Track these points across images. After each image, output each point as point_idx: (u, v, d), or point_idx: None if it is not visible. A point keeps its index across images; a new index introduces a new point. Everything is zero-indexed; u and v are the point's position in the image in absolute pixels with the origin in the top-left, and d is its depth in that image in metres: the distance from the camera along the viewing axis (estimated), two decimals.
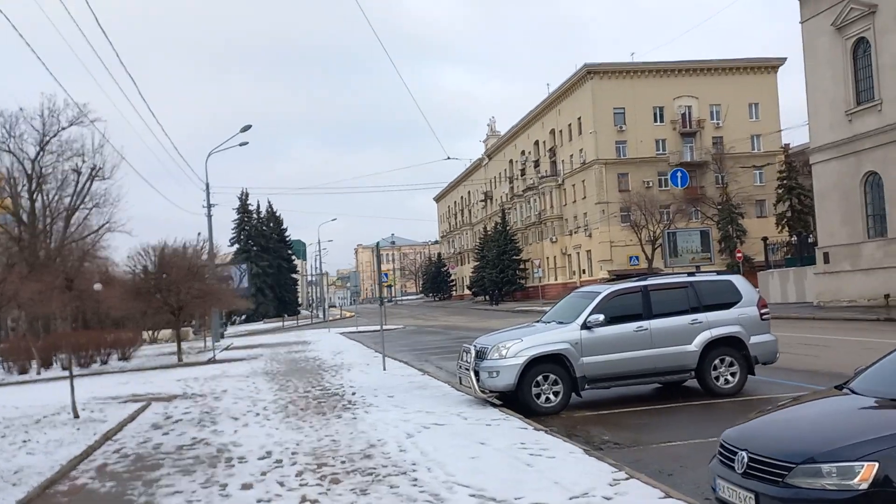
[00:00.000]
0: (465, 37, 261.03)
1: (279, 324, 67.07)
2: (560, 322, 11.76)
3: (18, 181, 40.30)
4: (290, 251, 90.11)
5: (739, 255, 45.65)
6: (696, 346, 11.48)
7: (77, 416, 12.55)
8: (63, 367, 23.28)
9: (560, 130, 77.27)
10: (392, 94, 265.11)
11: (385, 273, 47.99)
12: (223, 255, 60.94)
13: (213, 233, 39.08)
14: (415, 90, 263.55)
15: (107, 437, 10.86)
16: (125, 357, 25.51)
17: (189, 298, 24.60)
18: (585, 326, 11.29)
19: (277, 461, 8.59)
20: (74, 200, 40.00)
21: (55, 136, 40.09)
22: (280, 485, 7.54)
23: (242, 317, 76.39)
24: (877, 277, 31.27)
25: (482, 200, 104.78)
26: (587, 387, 11.29)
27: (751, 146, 69.21)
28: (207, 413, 12.68)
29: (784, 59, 72.94)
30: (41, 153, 40.02)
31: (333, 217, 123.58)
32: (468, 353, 11.78)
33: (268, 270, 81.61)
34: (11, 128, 39.58)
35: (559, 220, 77.89)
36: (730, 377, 11.58)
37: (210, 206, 38.36)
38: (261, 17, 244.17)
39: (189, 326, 42.04)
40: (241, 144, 40.75)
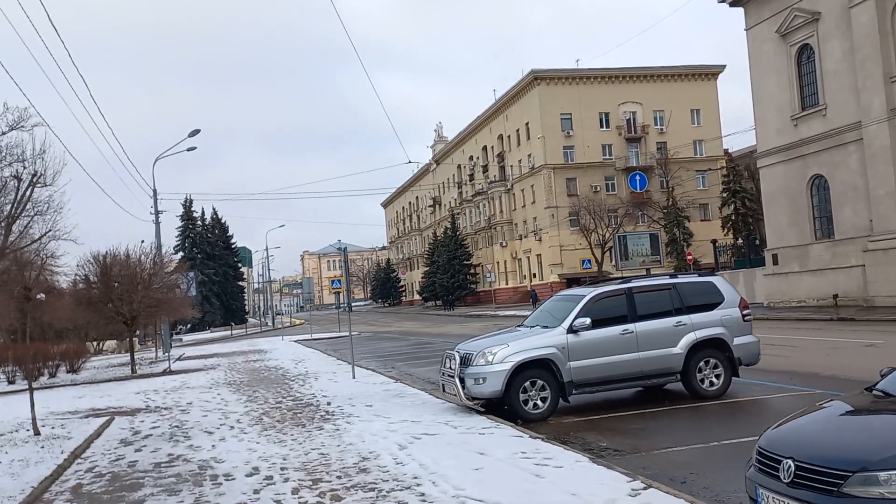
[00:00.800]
0: (409, 43, 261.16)
1: (227, 332, 65.74)
2: (545, 326, 11.59)
3: None
4: (237, 258, 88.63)
5: (690, 258, 46.38)
6: (681, 349, 11.44)
7: (38, 433, 11.88)
8: (9, 381, 22.24)
9: (508, 136, 77.67)
10: (337, 100, 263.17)
11: (337, 279, 47.33)
12: (166, 263, 59.27)
13: (159, 240, 38.01)
14: (356, 95, 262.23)
15: (75, 455, 10.26)
16: (74, 369, 24.51)
17: (142, 308, 23.76)
18: (572, 330, 11.14)
19: (268, 478, 8.18)
20: (15, 208, 38.28)
21: None
22: None
23: (188, 326, 74.67)
24: (825, 278, 32.04)
25: (431, 206, 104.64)
26: (574, 392, 11.13)
27: (693, 151, 70.60)
28: (178, 427, 12.13)
29: (723, 67, 74.83)
30: None
31: (281, 223, 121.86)
32: (452, 360, 11.51)
33: (214, 278, 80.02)
34: None
35: (509, 225, 78.22)
36: (714, 379, 11.56)
37: (158, 213, 37.34)
38: (201, 21, 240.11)
39: (134, 336, 40.73)
40: (189, 149, 39.82)
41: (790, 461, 4.85)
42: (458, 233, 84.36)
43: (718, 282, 12.17)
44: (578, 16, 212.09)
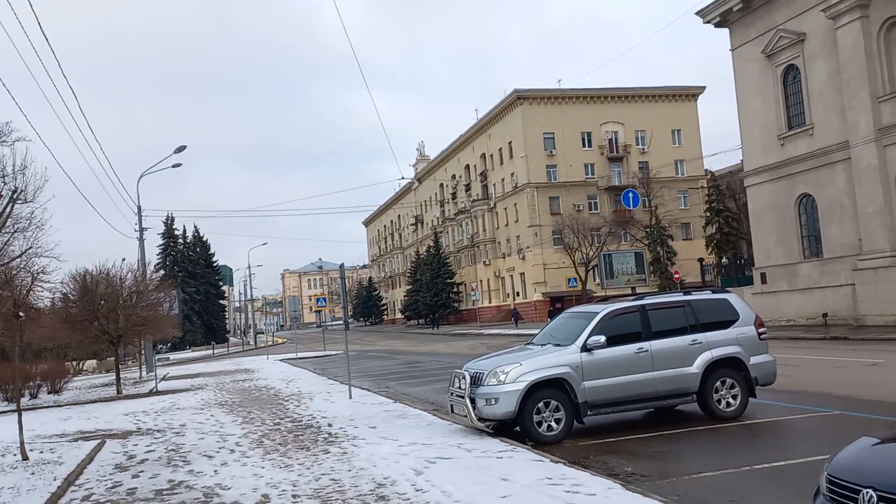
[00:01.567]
0: (387, 61, 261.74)
1: (209, 352, 64.71)
2: (557, 344, 11.26)
3: None
4: (218, 277, 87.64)
5: (677, 276, 46.38)
6: (698, 368, 11.15)
7: (26, 458, 11.33)
8: None
9: (491, 154, 77.71)
10: (315, 119, 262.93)
11: (322, 297, 46.83)
12: (150, 281, 58.34)
13: (144, 257, 37.39)
14: (337, 114, 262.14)
15: (69, 482, 9.74)
16: (56, 390, 23.79)
17: (129, 326, 23.15)
18: (585, 348, 10.82)
19: None
20: None
21: None
22: None
23: (168, 345, 73.50)
24: (814, 297, 32.08)
25: (413, 224, 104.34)
26: (589, 413, 10.80)
27: (675, 171, 71.05)
28: (174, 451, 11.63)
29: (703, 88, 75.60)
30: None
31: (263, 241, 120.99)
32: (462, 380, 11.13)
33: (195, 297, 79.02)
34: None
35: (492, 244, 78.08)
36: (731, 400, 11.27)
37: (142, 230, 36.71)
38: (183, 40, 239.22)
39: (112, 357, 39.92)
40: (175, 166, 39.29)
41: (871, 491, 4.51)
42: (441, 251, 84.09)
43: (733, 299, 11.93)
44: (558, 36, 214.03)
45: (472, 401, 10.79)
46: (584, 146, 70.91)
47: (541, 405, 10.56)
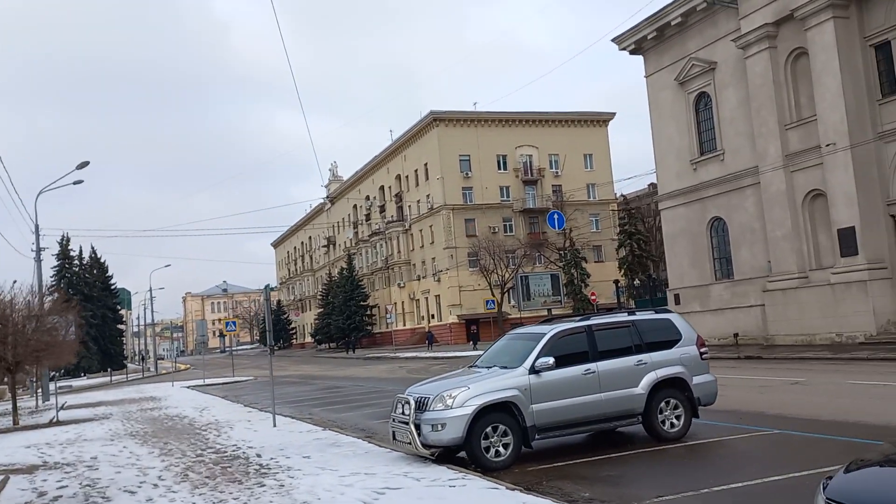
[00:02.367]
0: (301, 81, 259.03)
1: (106, 379, 61.64)
2: (504, 367, 10.89)
3: None
4: (116, 300, 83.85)
5: (594, 297, 47.04)
6: (643, 389, 10.97)
7: None
8: None
9: (406, 176, 77.54)
10: (227, 140, 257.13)
11: (231, 321, 45.27)
12: (46, 304, 55.18)
13: (41, 279, 35.26)
14: (246, 132, 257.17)
15: None
16: None
17: (28, 352, 21.50)
18: (534, 370, 10.49)
19: None
20: None
21: None
22: None
23: (61, 371, 69.56)
24: (725, 317, 32.99)
25: (325, 246, 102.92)
26: (537, 437, 10.45)
27: (587, 195, 72.50)
28: (90, 486, 10.62)
29: (613, 114, 77.77)
30: None
31: (165, 263, 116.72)
32: (406, 405, 10.60)
33: (91, 321, 75.04)
34: None
35: (407, 266, 77.67)
36: (675, 420, 11.14)
37: (39, 250, 34.59)
38: (86, 56, 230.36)
39: (3, 385, 37.33)
40: (76, 182, 37.39)
41: None
42: (355, 273, 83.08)
43: (675, 319, 11.86)
44: (476, 60, 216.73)
45: (417, 427, 10.28)
46: (500, 168, 71.65)
47: (489, 430, 10.14)
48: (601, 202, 72.96)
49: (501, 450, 10.18)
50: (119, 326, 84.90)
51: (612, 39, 38.53)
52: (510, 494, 8.14)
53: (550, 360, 10.52)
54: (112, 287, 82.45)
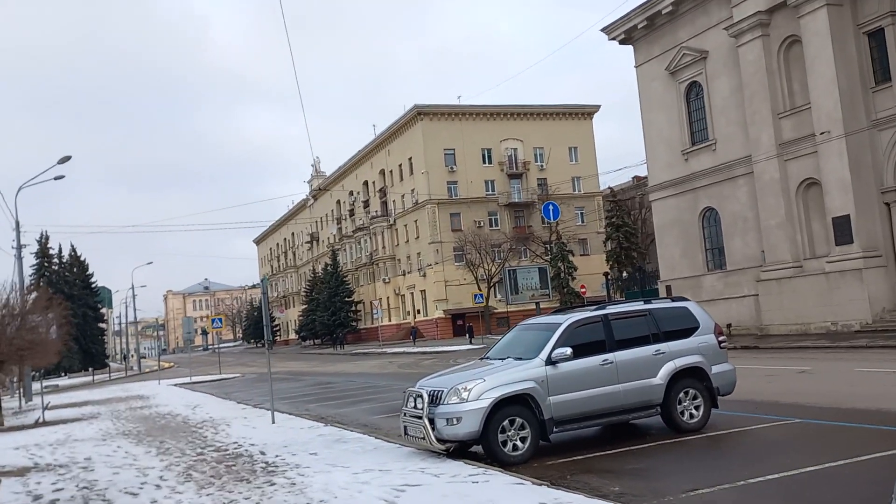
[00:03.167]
0: (280, 80, 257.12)
1: (88, 378, 60.65)
2: (518, 358, 10.51)
3: None
4: (97, 299, 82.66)
5: (584, 290, 46.84)
6: (662, 379, 10.63)
7: None
8: None
9: (391, 170, 76.98)
10: (207, 138, 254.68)
11: (217, 318, 44.61)
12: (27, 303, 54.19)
13: (22, 277, 34.49)
14: (227, 128, 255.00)
15: None
16: None
17: (11, 351, 20.86)
18: (550, 361, 10.11)
19: None
20: None
21: None
22: None
23: (41, 371, 68.44)
24: (718, 308, 32.65)
25: (308, 242, 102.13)
26: (555, 430, 10.08)
27: (572, 188, 72.33)
28: (88, 489, 10.12)
29: (598, 107, 77.49)
30: None
31: (147, 261, 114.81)
32: (419, 399, 10.19)
33: (72, 320, 73.67)
34: None
35: (392, 261, 77.16)
36: (694, 411, 10.80)
37: (20, 247, 33.82)
38: (64, 55, 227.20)
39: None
40: (57, 178, 36.56)
41: None
42: (339, 269, 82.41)
43: (692, 307, 11.53)
44: (455, 55, 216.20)
45: (431, 421, 9.88)
46: (485, 163, 71.26)
47: (506, 423, 9.76)
48: (586, 195, 72.82)
49: (519, 444, 9.80)
50: (100, 325, 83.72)
51: (602, 29, 38.25)
52: (537, 490, 7.77)
53: (568, 351, 10.14)
54: (93, 285, 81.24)
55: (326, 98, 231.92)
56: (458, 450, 10.25)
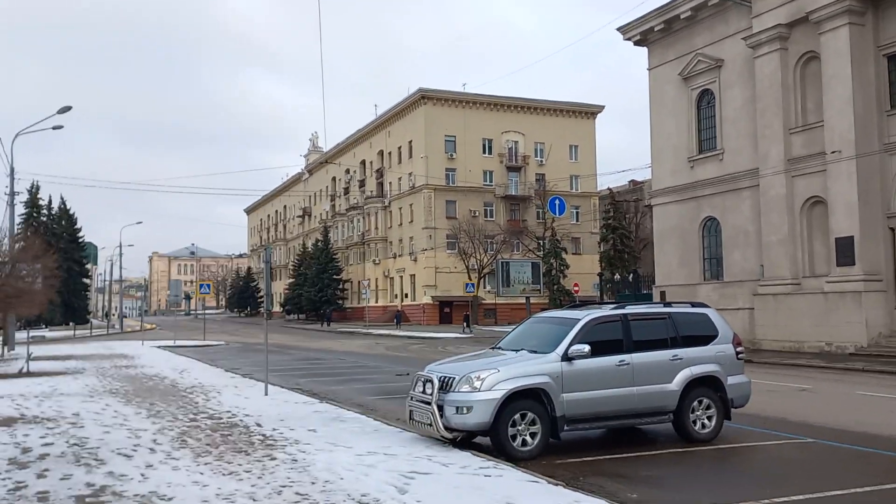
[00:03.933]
0: (288, 48, 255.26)
1: (69, 333, 60.03)
2: (533, 351, 10.23)
3: None
4: (83, 254, 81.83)
5: (577, 289, 46.66)
6: (677, 386, 10.39)
7: None
8: None
9: (389, 152, 76.45)
10: (209, 101, 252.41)
11: (207, 283, 44.14)
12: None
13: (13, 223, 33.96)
14: (229, 95, 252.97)
15: None
16: None
17: (1, 297, 20.42)
18: (566, 357, 9.84)
19: None
20: None
21: None
22: None
23: (22, 321, 67.65)
24: None
25: (300, 216, 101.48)
26: (566, 428, 9.82)
27: (570, 186, 72.07)
28: (79, 446, 9.78)
29: (602, 107, 77.18)
30: None
31: (139, 220, 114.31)
32: (428, 384, 9.90)
33: (56, 273, 73.16)
34: None
35: (383, 242, 76.75)
36: (707, 421, 10.58)
37: (13, 194, 33.24)
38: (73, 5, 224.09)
39: None
40: (56, 128, 35.98)
41: None
42: (330, 246, 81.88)
43: (712, 314, 11.28)
44: (466, 43, 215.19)
45: (440, 408, 9.60)
46: (485, 153, 70.87)
47: (517, 417, 9.49)
48: (583, 194, 72.64)
49: (528, 439, 9.54)
50: (84, 280, 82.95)
51: (618, 28, 37.88)
52: (554, 490, 7.51)
53: (586, 348, 9.88)
54: (80, 240, 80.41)
55: (332, 75, 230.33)
56: (464, 440, 9.99)
